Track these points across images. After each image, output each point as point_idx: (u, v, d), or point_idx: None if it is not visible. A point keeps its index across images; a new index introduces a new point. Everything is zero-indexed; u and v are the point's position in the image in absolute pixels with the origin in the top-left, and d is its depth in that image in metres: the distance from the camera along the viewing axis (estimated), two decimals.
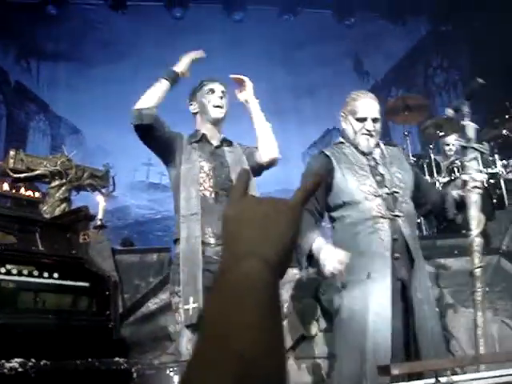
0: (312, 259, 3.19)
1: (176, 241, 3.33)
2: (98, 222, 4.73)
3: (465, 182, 3.34)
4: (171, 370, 1.51)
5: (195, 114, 3.71)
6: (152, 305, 4.22)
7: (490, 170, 6.51)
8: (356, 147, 3.43)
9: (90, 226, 4.02)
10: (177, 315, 3.16)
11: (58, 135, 12.26)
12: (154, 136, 3.43)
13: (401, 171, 3.42)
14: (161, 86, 3.52)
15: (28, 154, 5.16)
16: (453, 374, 2.25)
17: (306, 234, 3.16)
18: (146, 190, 12.79)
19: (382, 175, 3.35)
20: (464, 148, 3.47)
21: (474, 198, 3.33)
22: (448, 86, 12.25)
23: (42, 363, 2.59)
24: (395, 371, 2.11)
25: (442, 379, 2.17)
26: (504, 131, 6.25)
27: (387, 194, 3.28)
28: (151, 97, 3.47)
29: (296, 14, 11.46)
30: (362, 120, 3.40)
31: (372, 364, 2.89)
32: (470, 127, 3.60)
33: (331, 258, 3.01)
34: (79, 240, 3.61)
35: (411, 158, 6.60)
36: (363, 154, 3.42)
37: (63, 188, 4.97)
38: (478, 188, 3.33)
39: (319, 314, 4.46)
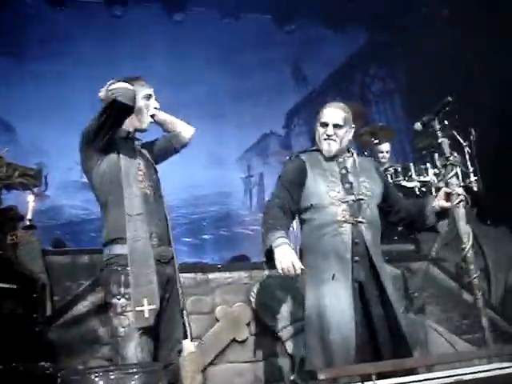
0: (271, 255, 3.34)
1: (112, 241, 3.22)
2: (27, 223, 4.62)
3: (448, 196, 3.59)
4: (97, 375, 1.49)
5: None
6: (82, 307, 4.14)
7: (421, 178, 6.68)
8: (327, 156, 3.66)
9: (18, 226, 3.93)
10: (123, 318, 3.01)
11: None
12: (121, 123, 3.32)
13: (369, 180, 3.65)
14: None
15: None
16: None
17: (272, 231, 3.34)
18: (80, 190, 12.52)
19: (350, 183, 3.58)
20: (444, 165, 3.66)
21: (462, 212, 3.56)
22: (384, 95, 12.48)
23: None
24: (321, 376, 2.14)
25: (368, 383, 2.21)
26: (439, 140, 6.40)
27: (353, 200, 3.50)
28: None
29: (237, 19, 11.45)
30: (324, 125, 3.65)
31: (339, 354, 3.21)
32: (446, 143, 3.77)
33: (287, 259, 3.20)
34: (7, 240, 3.52)
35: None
36: (336, 162, 3.65)
37: None
38: (463, 201, 3.58)
39: (250, 318, 4.48)
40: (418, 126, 3.92)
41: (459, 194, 3.56)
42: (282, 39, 12.02)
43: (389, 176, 6.64)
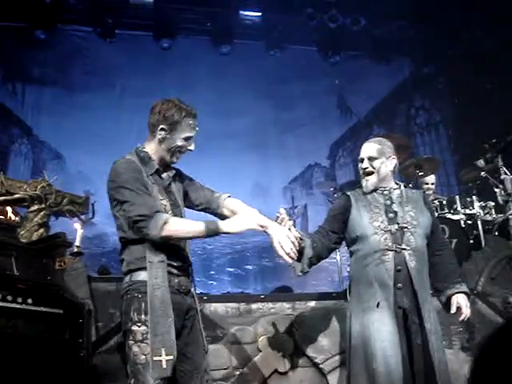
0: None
1: (132, 270, 3.13)
2: (75, 249, 4.70)
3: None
4: None
5: (158, 140, 3.27)
6: None
7: (467, 211, 6.58)
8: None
9: (66, 252, 4.00)
10: (144, 345, 2.95)
11: (40, 160, 12.20)
12: None
13: (416, 211, 3.69)
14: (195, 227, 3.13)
15: (8, 177, 5.15)
16: None
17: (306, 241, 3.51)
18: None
19: (395, 212, 3.65)
20: (506, 201, 3.69)
21: None
22: (429, 126, 12.40)
23: None
24: None
25: None
26: (482, 173, 6.34)
27: (396, 229, 3.57)
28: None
29: (282, 50, 11.56)
30: (361, 161, 3.80)
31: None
32: (508, 180, 3.79)
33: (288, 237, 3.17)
34: (55, 266, 3.59)
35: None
36: (381, 193, 3.74)
37: (42, 213, 4.93)
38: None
39: (293, 349, 4.45)
40: (480, 162, 3.98)
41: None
42: (327, 70, 12.08)
43: (434, 209, 6.56)
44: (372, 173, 3.74)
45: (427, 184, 6.94)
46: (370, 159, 3.74)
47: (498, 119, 8.26)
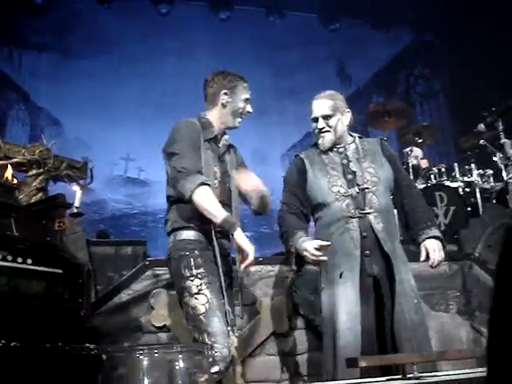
0: (302, 259, 3.40)
1: (178, 229, 3.29)
2: (75, 210, 4.71)
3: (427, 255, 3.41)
4: (142, 352, 1.53)
5: (221, 105, 3.47)
6: (125, 295, 4.19)
7: (466, 179, 6.59)
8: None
9: (66, 214, 4.01)
10: (201, 296, 3.08)
11: (38, 126, 12.14)
12: None
13: (374, 165, 3.50)
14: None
15: (6, 141, 5.13)
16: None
17: (291, 237, 3.36)
18: (124, 185, 12.70)
19: (353, 173, 3.45)
20: (506, 165, 3.61)
21: None
22: (429, 95, 12.36)
23: (11, 344, 2.59)
24: (363, 363, 2.14)
25: (409, 375, 2.20)
26: (481, 141, 6.33)
27: (357, 192, 3.38)
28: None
29: (282, 16, 11.51)
30: (315, 121, 3.58)
31: (342, 360, 2.92)
32: (508, 144, 3.73)
33: (310, 247, 3.17)
34: (54, 227, 3.60)
35: None
36: (336, 152, 3.54)
37: (40, 177, 4.93)
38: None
39: (291, 311, 4.48)
40: (481, 127, 3.92)
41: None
42: (327, 37, 12.02)
43: (432, 176, 6.57)
44: (328, 131, 3.53)
45: (417, 157, 6.96)
46: (325, 118, 3.52)
47: (498, 87, 8.23)
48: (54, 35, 12.25)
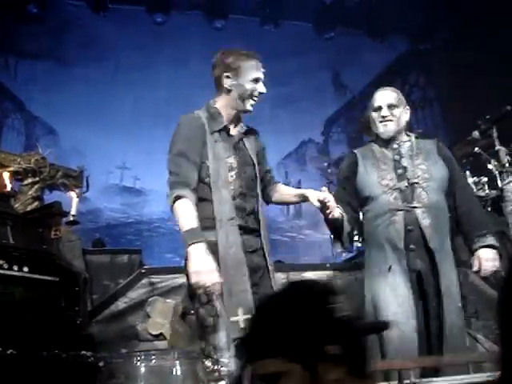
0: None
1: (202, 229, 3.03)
2: (71, 218, 4.71)
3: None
4: (139, 358, 1.52)
5: (226, 90, 3.24)
6: (121, 303, 4.20)
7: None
8: (382, 143, 3.54)
9: (62, 222, 4.01)
10: (210, 308, 2.90)
11: (33, 135, 12.11)
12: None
13: (427, 162, 3.46)
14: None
15: (2, 150, 5.14)
16: None
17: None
18: (120, 194, 12.68)
19: (404, 168, 3.42)
20: (500, 172, 3.60)
21: None
22: (424, 103, 12.38)
23: (8, 352, 2.58)
24: None
25: (406, 381, 2.20)
26: (476, 149, 6.34)
27: (406, 186, 3.35)
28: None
29: (277, 26, 11.51)
30: (379, 109, 3.52)
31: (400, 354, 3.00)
32: (503, 151, 3.72)
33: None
34: (51, 235, 3.60)
35: None
36: (390, 148, 3.51)
37: (36, 186, 4.93)
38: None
39: None
40: (475, 134, 3.92)
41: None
42: (322, 46, 12.03)
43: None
44: (391, 121, 3.49)
45: None
46: (390, 107, 3.51)
47: (493, 96, 8.26)
48: (50, 43, 12.24)
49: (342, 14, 11.32)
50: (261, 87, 3.26)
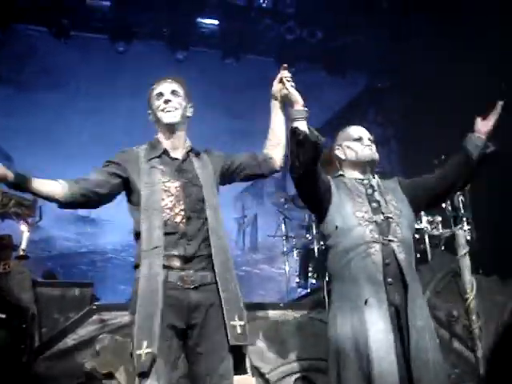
0: None
1: (137, 266, 2.99)
2: (21, 252, 4.61)
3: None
4: None
5: (153, 123, 3.34)
6: (70, 340, 4.09)
7: (415, 226, 6.69)
8: (355, 178, 3.51)
9: (12, 255, 3.92)
10: (129, 340, 2.86)
11: None
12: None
13: (396, 200, 3.46)
14: None
15: None
16: None
17: None
18: (74, 223, 12.54)
19: (378, 202, 3.39)
20: (454, 218, 3.66)
21: (467, 262, 3.50)
22: (382, 141, 12.55)
23: None
24: None
25: None
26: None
27: (382, 219, 3.31)
28: None
29: (238, 59, 11.58)
30: (359, 139, 3.57)
31: None
32: (456, 197, 3.76)
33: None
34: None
35: None
36: (361, 183, 3.48)
37: None
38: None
39: None
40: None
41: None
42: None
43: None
44: (372, 147, 3.57)
45: None
46: (370, 139, 3.59)
47: (449, 135, 8.41)
48: (10, 68, 12.13)
49: (303, 49, 11.43)
50: (165, 95, 3.30)
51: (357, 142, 3.56)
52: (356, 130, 3.65)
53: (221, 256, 3.08)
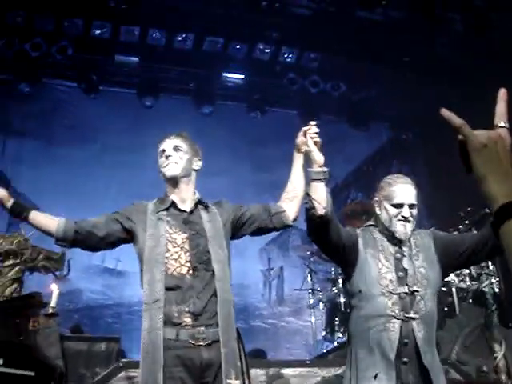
0: None
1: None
2: (50, 310, 4.64)
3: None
4: None
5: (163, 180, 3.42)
6: None
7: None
8: (387, 234, 3.31)
9: (40, 312, 3.96)
10: None
11: None
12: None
13: (426, 264, 3.26)
14: None
15: None
16: None
17: None
18: (101, 275, 12.61)
19: (405, 270, 3.21)
20: (479, 275, 3.60)
21: (495, 319, 3.41)
22: None
23: None
24: None
25: None
26: None
27: (406, 293, 3.15)
28: None
29: (263, 112, 11.71)
30: (399, 206, 3.25)
31: None
32: None
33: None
34: (28, 326, 3.55)
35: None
36: (393, 243, 3.29)
37: (16, 268, 4.90)
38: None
39: None
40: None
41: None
42: None
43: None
44: (410, 222, 3.24)
45: None
46: (411, 207, 3.25)
47: (474, 187, 8.39)
48: (39, 122, 12.38)
49: (326, 102, 11.55)
50: (166, 151, 3.43)
51: (395, 210, 3.26)
52: (400, 193, 3.29)
53: (225, 311, 3.05)
